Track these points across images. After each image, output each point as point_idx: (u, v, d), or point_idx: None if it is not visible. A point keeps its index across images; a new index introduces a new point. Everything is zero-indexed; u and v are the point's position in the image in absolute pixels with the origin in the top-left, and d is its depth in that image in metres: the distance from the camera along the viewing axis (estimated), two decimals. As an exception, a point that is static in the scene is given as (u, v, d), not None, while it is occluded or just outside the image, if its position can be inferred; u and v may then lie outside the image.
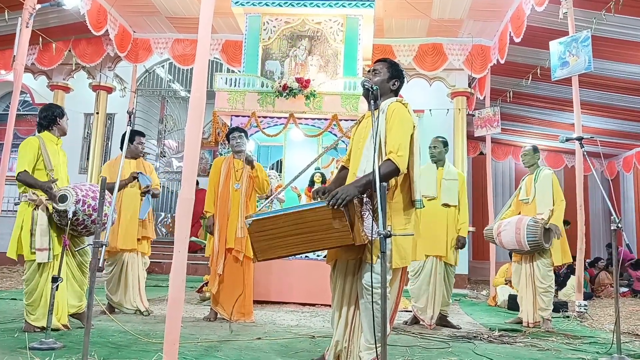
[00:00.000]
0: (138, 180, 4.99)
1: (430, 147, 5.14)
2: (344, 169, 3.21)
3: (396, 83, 3.11)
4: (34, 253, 3.81)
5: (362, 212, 2.72)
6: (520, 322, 5.22)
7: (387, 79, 3.08)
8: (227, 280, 4.84)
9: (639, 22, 6.92)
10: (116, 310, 5.00)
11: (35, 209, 3.87)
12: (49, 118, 4.15)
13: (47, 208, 3.86)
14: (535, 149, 5.42)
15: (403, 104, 3.01)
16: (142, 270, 5.17)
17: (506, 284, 7.41)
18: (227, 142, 5.18)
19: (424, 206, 3.08)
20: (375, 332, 2.51)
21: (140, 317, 4.84)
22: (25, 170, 3.92)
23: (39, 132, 4.18)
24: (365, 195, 2.75)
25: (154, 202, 5.38)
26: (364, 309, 2.78)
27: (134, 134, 5.15)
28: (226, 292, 4.81)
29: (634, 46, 7.53)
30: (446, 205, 4.94)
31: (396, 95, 3.13)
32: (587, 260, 10.07)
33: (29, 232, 3.84)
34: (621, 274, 9.93)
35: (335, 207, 2.59)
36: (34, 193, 3.88)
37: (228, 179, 4.96)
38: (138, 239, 5.06)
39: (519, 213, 5.35)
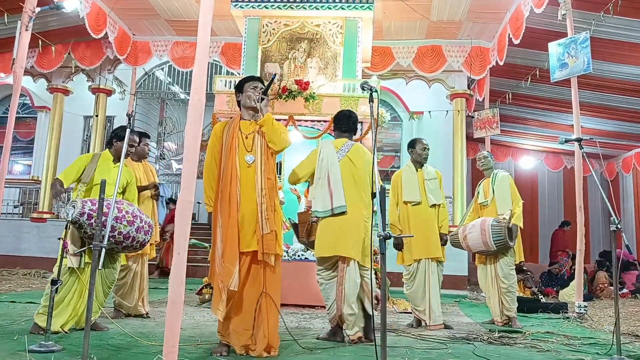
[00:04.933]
0: (158, 192, 5.11)
1: (425, 149, 5.04)
2: None
3: (335, 128, 4.36)
4: (66, 258, 3.84)
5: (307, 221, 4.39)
6: (493, 322, 5.27)
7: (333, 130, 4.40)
8: (243, 297, 3.35)
9: (637, 23, 6.93)
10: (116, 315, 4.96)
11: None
12: (110, 137, 4.34)
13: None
14: (490, 154, 5.59)
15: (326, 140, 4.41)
16: (146, 275, 5.19)
17: None
18: (238, 93, 3.61)
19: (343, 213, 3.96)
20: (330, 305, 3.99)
21: (139, 320, 4.84)
22: (59, 178, 4.06)
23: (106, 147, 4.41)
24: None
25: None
26: None
27: (140, 135, 5.16)
28: (240, 315, 3.34)
29: (633, 47, 7.55)
30: (434, 206, 4.96)
31: (343, 132, 4.30)
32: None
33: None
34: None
35: None
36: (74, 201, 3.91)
37: (233, 151, 3.40)
38: (150, 244, 5.07)
39: (479, 217, 5.40)
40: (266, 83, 3.59)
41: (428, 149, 5.06)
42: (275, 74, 3.90)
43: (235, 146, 3.41)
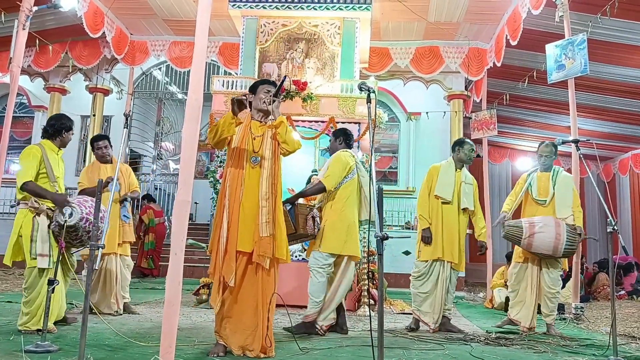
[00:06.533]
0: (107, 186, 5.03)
1: (473, 151, 4.97)
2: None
3: (340, 139, 4.74)
4: (35, 259, 3.81)
5: (308, 215, 4.33)
6: (510, 323, 5.14)
7: (334, 141, 4.77)
8: (241, 297, 3.39)
9: (634, 25, 6.96)
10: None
11: (35, 215, 3.87)
12: (56, 128, 4.14)
13: (47, 215, 3.87)
14: (555, 144, 4.96)
15: (345, 151, 4.64)
16: (125, 272, 5.19)
17: (505, 286, 7.41)
18: (250, 95, 3.63)
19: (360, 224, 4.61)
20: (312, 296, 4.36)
21: (136, 320, 4.83)
22: (31, 181, 3.88)
23: (42, 138, 4.18)
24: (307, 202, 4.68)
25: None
26: (310, 279, 4.38)
27: (93, 139, 5.20)
28: (239, 315, 3.37)
29: (630, 49, 7.57)
30: (464, 210, 4.83)
31: (348, 146, 4.72)
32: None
33: (30, 239, 3.84)
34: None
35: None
36: (36, 201, 3.86)
37: (242, 149, 3.46)
38: (119, 244, 5.06)
39: (519, 211, 5.12)
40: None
41: (472, 150, 4.96)
42: (285, 76, 4.01)
43: (244, 145, 3.47)
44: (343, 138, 4.74)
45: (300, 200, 6.44)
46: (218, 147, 3.55)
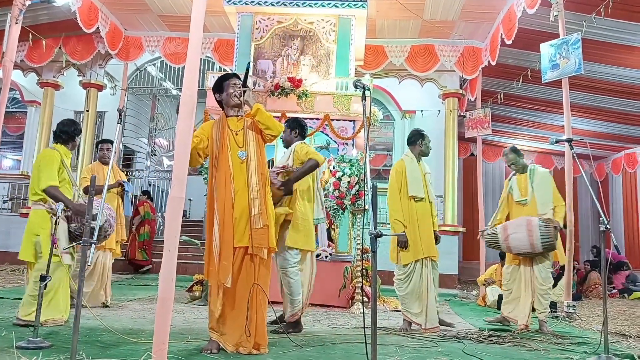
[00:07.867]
0: (123, 188, 5.45)
1: (430, 142, 4.95)
2: None
3: (296, 131, 4.59)
4: (57, 256, 3.90)
5: None
6: (502, 321, 5.18)
7: (289, 133, 4.60)
8: (236, 294, 3.36)
9: (628, 25, 6.99)
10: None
11: (54, 216, 3.93)
12: (70, 133, 4.26)
13: (65, 217, 4.03)
14: (514, 149, 5.21)
15: (303, 143, 4.57)
16: (110, 267, 5.45)
17: (485, 284, 7.46)
18: (217, 93, 3.65)
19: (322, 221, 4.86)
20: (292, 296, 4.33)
21: (129, 316, 4.82)
22: (55, 186, 3.99)
23: (55, 143, 4.27)
24: None
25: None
26: (285, 280, 4.35)
27: (99, 142, 5.62)
28: (234, 312, 3.35)
29: (624, 49, 7.61)
30: (430, 202, 4.77)
31: (302, 138, 4.65)
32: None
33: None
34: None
35: None
36: (53, 203, 3.98)
37: (225, 148, 3.43)
38: (117, 241, 5.37)
39: (508, 215, 5.17)
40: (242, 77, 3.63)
41: (429, 142, 4.98)
42: (249, 63, 3.92)
43: (226, 144, 3.43)
44: (298, 130, 4.61)
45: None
46: (193, 164, 3.47)
